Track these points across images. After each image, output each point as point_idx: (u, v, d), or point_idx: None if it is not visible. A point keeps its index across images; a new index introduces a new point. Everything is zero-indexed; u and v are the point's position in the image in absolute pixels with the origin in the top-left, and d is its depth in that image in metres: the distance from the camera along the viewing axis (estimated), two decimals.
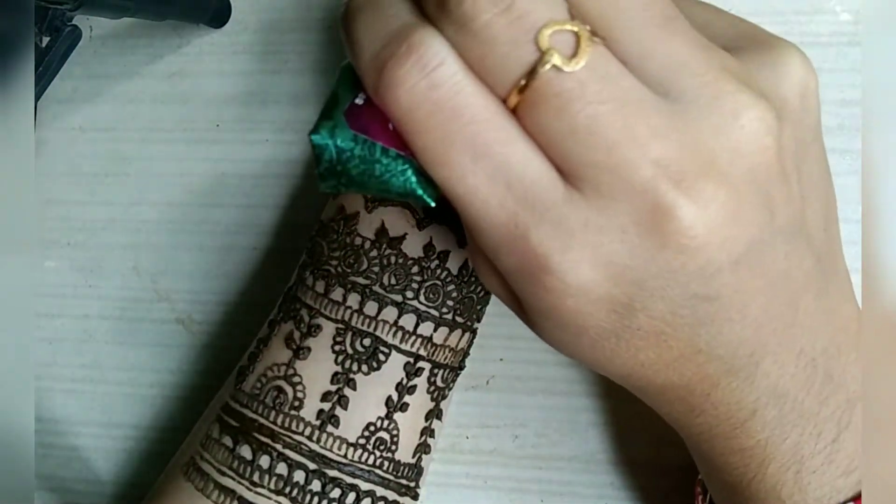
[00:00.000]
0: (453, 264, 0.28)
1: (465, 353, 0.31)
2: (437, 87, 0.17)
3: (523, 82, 0.17)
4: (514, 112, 0.18)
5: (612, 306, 0.19)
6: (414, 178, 0.19)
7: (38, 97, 0.33)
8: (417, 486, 0.30)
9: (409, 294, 0.28)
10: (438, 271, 0.28)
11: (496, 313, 0.32)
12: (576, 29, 0.17)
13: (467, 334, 0.30)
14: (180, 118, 0.37)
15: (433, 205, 0.19)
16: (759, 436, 0.22)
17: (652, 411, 0.33)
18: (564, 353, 0.21)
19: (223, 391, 0.31)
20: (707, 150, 0.17)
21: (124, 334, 0.37)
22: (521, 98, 0.17)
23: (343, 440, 0.28)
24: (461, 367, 0.31)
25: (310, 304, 0.29)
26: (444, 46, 0.17)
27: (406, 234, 0.28)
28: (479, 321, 0.30)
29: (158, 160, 0.37)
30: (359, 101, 0.19)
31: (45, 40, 0.32)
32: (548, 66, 0.17)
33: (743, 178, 0.18)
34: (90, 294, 0.37)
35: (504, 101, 0.18)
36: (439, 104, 0.17)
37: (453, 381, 0.30)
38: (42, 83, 0.33)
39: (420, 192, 0.19)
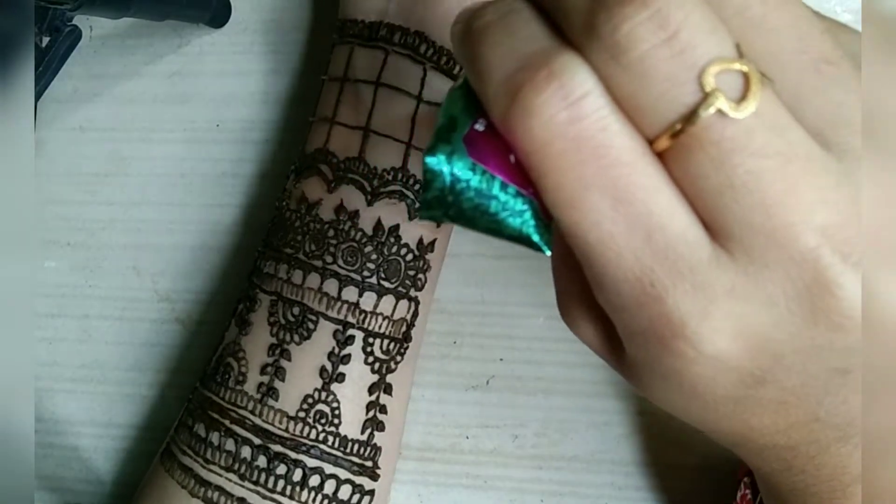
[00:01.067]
0: (366, 224, 0.29)
1: (409, 324, 0.30)
2: (578, 120, 0.15)
3: (678, 126, 0.15)
4: (661, 157, 0.16)
5: (742, 377, 0.17)
6: (533, 222, 0.17)
7: (38, 97, 0.33)
8: (376, 465, 0.30)
9: (328, 259, 0.28)
10: (352, 232, 0.29)
11: (496, 313, 0.32)
12: (745, 69, 0.15)
13: (404, 301, 0.29)
14: (180, 118, 0.37)
15: (548, 254, 0.18)
16: None
17: (653, 412, 0.33)
18: (664, 408, 0.20)
19: None
20: None
21: (124, 334, 0.37)
22: (672, 142, 0.15)
23: (283, 413, 0.28)
24: (406, 339, 0.30)
25: (253, 281, 0.30)
26: (591, 76, 0.15)
27: (321, 198, 0.29)
28: (418, 289, 0.30)
29: (158, 160, 0.37)
30: (479, 126, 0.17)
31: (45, 40, 0.32)
32: (711, 110, 0.15)
33: None
34: (90, 294, 0.37)
35: (650, 143, 0.16)
36: (579, 140, 0.15)
37: (400, 353, 0.30)
38: (42, 83, 0.33)
39: (537, 238, 0.17)
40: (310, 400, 0.28)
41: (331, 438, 0.28)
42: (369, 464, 0.29)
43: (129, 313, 0.37)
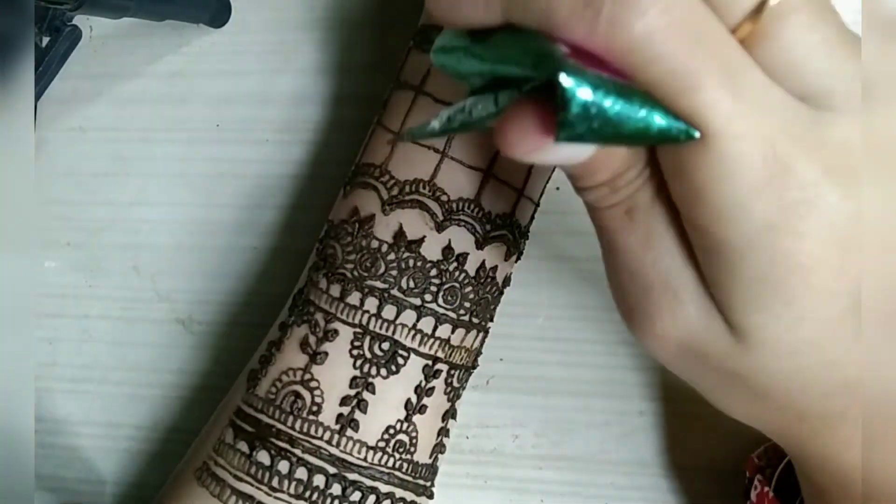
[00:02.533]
0: (471, 266, 0.28)
1: (478, 353, 0.31)
2: (671, 9, 0.16)
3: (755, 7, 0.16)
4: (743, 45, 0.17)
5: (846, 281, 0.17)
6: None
7: (38, 97, 0.33)
8: (432, 484, 0.30)
9: (428, 297, 0.28)
10: (457, 274, 0.28)
11: (496, 313, 0.32)
12: None
13: (481, 334, 0.30)
14: (180, 118, 0.37)
15: (698, 135, 0.17)
16: None
17: (652, 412, 0.33)
18: (779, 372, 0.19)
19: (232, 395, 0.31)
20: None
21: (124, 334, 0.37)
22: (753, 28, 0.16)
23: (363, 444, 0.28)
24: (474, 367, 0.31)
25: (325, 309, 0.28)
26: None
27: (424, 236, 0.28)
28: (492, 320, 0.30)
29: (158, 160, 0.37)
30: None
31: (45, 40, 0.32)
32: None
33: None
34: (90, 294, 0.37)
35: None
36: (679, 27, 0.16)
37: (467, 380, 0.30)
38: (42, 83, 0.33)
39: (685, 125, 0.17)
40: (391, 430, 0.28)
41: (405, 465, 0.28)
42: (429, 484, 0.30)
43: (129, 313, 0.37)
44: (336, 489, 0.27)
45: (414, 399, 0.28)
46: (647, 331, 0.20)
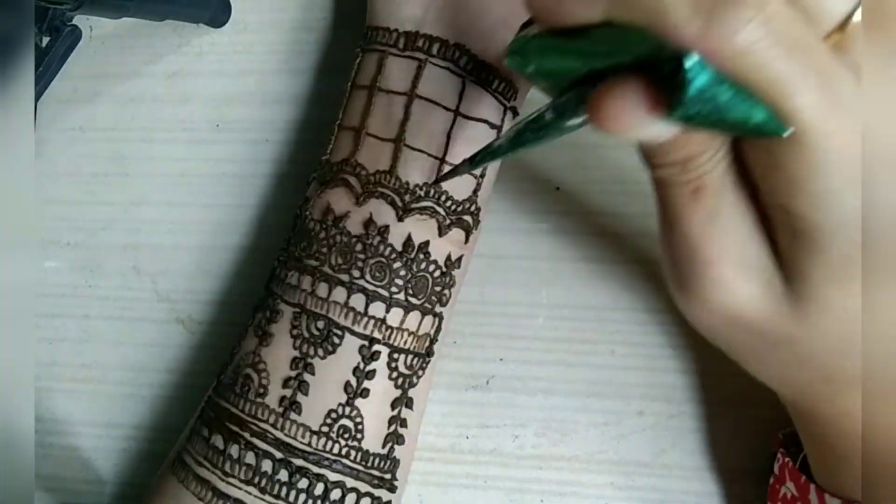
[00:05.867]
0: (396, 240, 0.28)
1: (432, 339, 0.30)
2: (771, 20, 0.17)
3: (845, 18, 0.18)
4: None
5: None
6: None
7: (38, 97, 0.33)
8: (395, 478, 0.30)
9: (356, 273, 0.28)
10: (381, 247, 0.28)
11: (496, 313, 0.32)
12: None
13: (429, 317, 0.29)
14: (180, 118, 0.37)
15: (787, 133, 0.18)
16: None
17: (652, 412, 0.33)
18: (838, 341, 0.21)
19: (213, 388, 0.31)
20: None
21: (124, 334, 0.37)
22: (841, 36, 0.18)
23: (306, 428, 0.28)
24: (429, 354, 0.30)
25: (273, 290, 0.30)
26: None
27: (349, 211, 0.29)
28: (442, 305, 0.30)
29: (158, 160, 0.37)
30: None
31: (45, 40, 0.32)
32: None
33: None
34: (90, 294, 0.37)
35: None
36: (778, 37, 0.17)
37: (422, 368, 0.30)
38: (42, 83, 0.33)
39: (778, 122, 0.18)
40: (333, 415, 0.28)
41: (353, 453, 0.28)
42: (388, 476, 0.29)
43: (129, 313, 0.37)
44: (283, 475, 0.27)
45: (353, 382, 0.28)
46: (700, 301, 0.21)
